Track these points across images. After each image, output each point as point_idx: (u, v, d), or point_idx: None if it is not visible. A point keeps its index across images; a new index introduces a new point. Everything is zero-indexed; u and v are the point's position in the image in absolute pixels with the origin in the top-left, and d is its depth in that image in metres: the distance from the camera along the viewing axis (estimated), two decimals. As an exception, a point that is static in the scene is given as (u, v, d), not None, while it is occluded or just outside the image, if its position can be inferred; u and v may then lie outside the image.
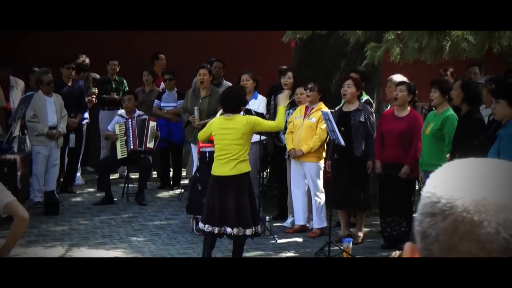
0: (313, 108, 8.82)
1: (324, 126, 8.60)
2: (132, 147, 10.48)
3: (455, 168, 1.14)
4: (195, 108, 10.00)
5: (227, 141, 7.25)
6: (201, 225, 7.52)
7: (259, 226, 7.53)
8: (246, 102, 7.62)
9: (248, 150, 7.37)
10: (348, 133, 8.29)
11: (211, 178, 7.47)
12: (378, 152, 8.40)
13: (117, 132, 10.58)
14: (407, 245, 1.16)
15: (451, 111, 8.00)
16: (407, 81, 8.52)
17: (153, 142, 10.64)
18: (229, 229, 7.26)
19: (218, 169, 7.32)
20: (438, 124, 7.93)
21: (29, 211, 4.99)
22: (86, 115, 11.58)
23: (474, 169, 1.12)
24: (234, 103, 7.36)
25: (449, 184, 1.11)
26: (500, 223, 1.06)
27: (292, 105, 9.28)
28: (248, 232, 7.32)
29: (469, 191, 1.08)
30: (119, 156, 10.55)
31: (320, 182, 8.85)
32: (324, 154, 8.86)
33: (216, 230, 7.30)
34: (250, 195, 7.38)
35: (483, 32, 7.03)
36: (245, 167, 7.30)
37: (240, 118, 7.34)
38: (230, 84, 11.25)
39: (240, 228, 7.26)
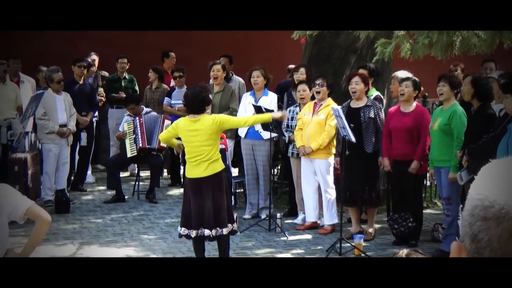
0: (321, 104, 8.80)
1: (332, 122, 8.58)
2: (140, 145, 10.49)
3: (507, 169, 1.10)
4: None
5: (196, 143, 7.10)
6: (179, 228, 7.41)
7: (235, 223, 7.42)
8: (210, 101, 7.39)
9: (218, 148, 7.24)
10: (357, 130, 8.26)
11: (186, 181, 7.38)
12: (386, 150, 8.36)
13: (126, 130, 10.59)
14: (455, 244, 1.13)
15: (457, 106, 7.95)
16: (411, 76, 8.47)
17: None
18: (207, 231, 7.13)
19: (192, 171, 7.19)
20: (445, 119, 7.87)
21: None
22: (95, 113, 11.60)
23: None
24: (197, 103, 7.14)
25: (503, 188, 1.07)
26: None
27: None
28: (225, 231, 7.20)
29: None
30: (128, 154, 10.55)
31: (330, 179, 8.83)
32: (333, 151, 8.84)
33: (193, 233, 7.18)
34: (226, 193, 7.26)
35: (494, 27, 7.00)
36: (219, 166, 7.17)
37: (206, 118, 7.16)
38: (241, 79, 11.27)
39: (217, 228, 7.14)
